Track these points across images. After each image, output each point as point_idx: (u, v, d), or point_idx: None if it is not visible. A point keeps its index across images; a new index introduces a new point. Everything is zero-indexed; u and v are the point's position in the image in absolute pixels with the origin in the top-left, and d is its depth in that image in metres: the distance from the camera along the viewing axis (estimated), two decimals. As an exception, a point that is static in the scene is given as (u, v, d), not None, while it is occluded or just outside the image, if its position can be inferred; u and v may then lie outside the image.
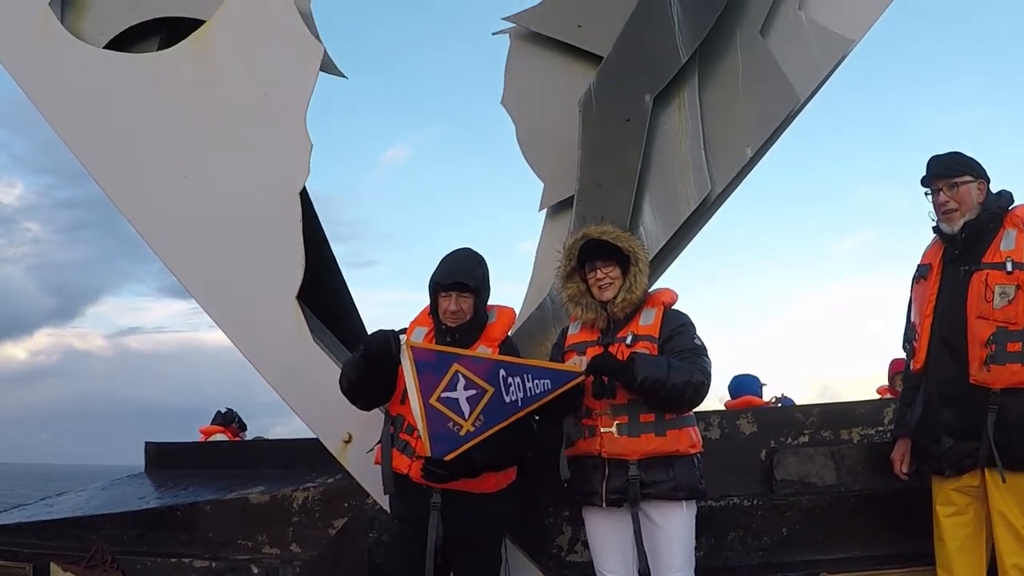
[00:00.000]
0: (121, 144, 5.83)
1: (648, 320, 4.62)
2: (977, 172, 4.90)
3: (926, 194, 4.99)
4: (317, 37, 5.66)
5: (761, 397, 8.27)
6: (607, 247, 4.66)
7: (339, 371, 4.84)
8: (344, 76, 5.84)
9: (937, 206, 4.93)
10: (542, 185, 5.91)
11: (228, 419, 10.74)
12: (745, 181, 6.09)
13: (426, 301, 4.79)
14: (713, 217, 6.11)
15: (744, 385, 8.36)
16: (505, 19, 6.05)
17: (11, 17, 5.98)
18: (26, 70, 5.97)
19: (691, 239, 5.92)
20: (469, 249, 4.81)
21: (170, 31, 6.07)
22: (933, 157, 5.01)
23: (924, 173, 4.97)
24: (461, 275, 4.62)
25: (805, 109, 6.02)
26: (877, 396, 8.59)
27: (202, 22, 5.83)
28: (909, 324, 5.11)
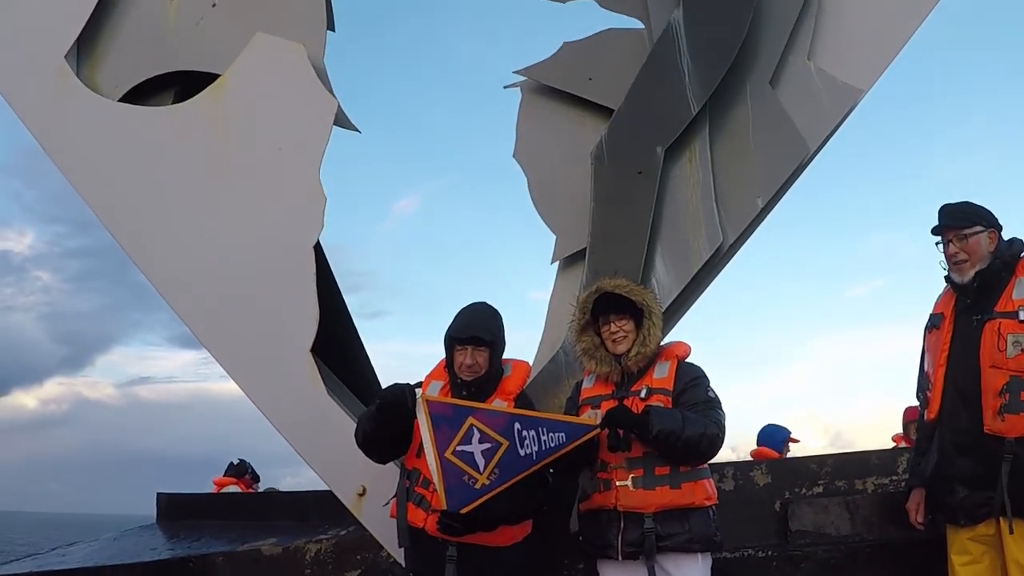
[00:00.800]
0: (135, 196, 5.92)
1: (662, 373, 4.67)
2: (987, 221, 4.94)
3: (937, 244, 5.04)
4: (331, 92, 5.75)
5: (781, 451, 8.28)
6: (621, 301, 4.72)
7: (353, 424, 4.89)
8: (358, 131, 5.94)
9: (947, 257, 4.98)
10: (554, 237, 5.97)
11: (241, 470, 10.75)
12: (757, 230, 6.14)
13: (436, 352, 4.85)
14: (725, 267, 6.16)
15: (766, 436, 8.41)
16: (517, 72, 6.14)
17: (27, 69, 6.08)
18: (41, 122, 6.06)
19: (704, 290, 5.95)
20: (484, 303, 4.89)
21: (185, 84, 6.15)
22: (943, 207, 5.06)
23: (936, 222, 5.02)
24: (477, 329, 4.69)
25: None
26: (892, 444, 8.62)
27: (216, 76, 5.92)
28: (922, 374, 5.14)
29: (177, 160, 5.88)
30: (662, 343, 4.78)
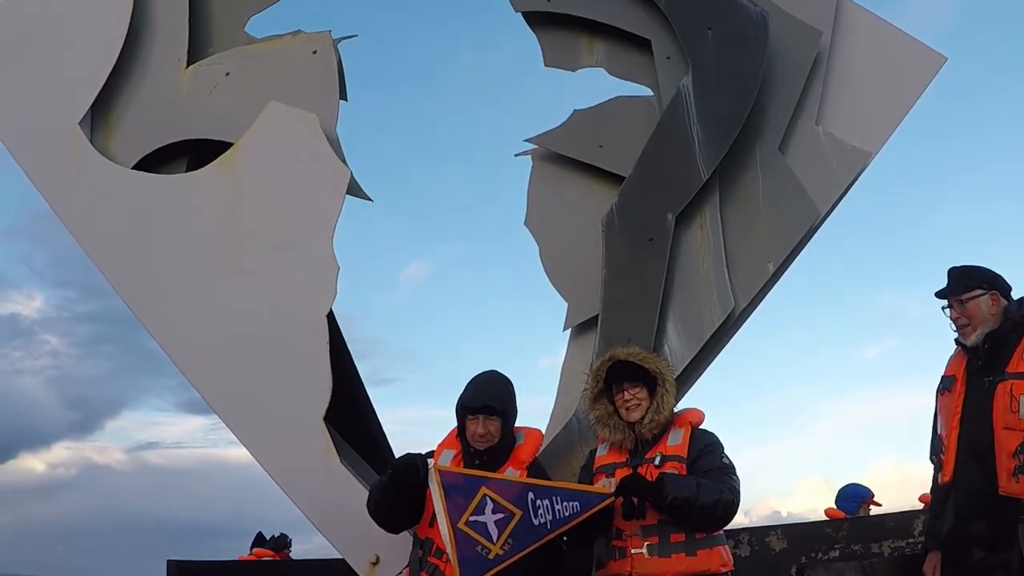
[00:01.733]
0: (148, 263, 6.00)
1: (676, 440, 4.69)
2: (989, 284, 4.97)
3: (943, 308, 5.08)
4: (343, 160, 5.84)
5: (854, 514, 8.15)
6: (634, 369, 4.75)
7: (366, 492, 4.91)
8: (370, 199, 6.01)
9: (951, 320, 5.02)
10: (566, 304, 6.03)
11: (281, 544, 10.54)
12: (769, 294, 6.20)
13: (447, 417, 4.88)
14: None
15: (843, 497, 8.34)
16: (527, 140, 6.24)
17: (41, 135, 6.19)
18: (55, 188, 6.16)
19: (716, 355, 6.00)
20: (495, 372, 4.93)
21: (198, 152, 6.26)
22: (949, 270, 5.10)
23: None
24: (488, 398, 4.73)
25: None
26: (920, 505, 8.58)
27: (230, 144, 6.02)
28: (935, 436, 5.14)
29: (190, 228, 5.96)
30: (676, 410, 4.80)
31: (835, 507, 8.30)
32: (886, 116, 6.29)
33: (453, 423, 4.89)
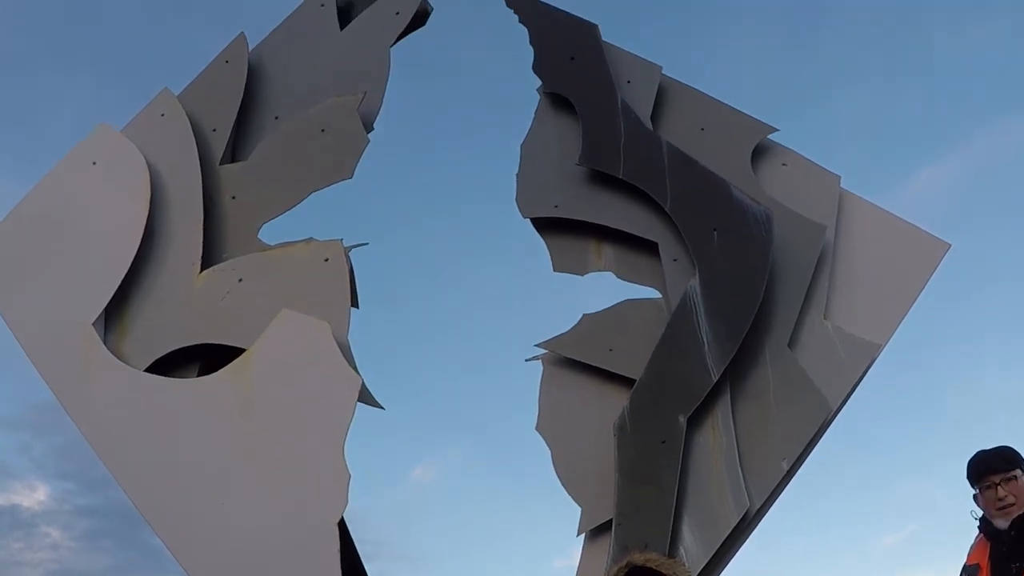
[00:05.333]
0: (158, 466, 6.01)
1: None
2: (1020, 465, 4.99)
3: (975, 496, 5.05)
4: (355, 368, 5.92)
5: None
6: (651, 575, 4.73)
7: None
8: (382, 407, 6.05)
9: (992, 502, 4.97)
10: (579, 508, 6.02)
11: None
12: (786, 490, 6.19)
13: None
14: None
15: None
16: (538, 345, 6.34)
17: (55, 334, 6.28)
18: (68, 387, 6.21)
19: (733, 556, 5.98)
20: None
21: (210, 357, 6.32)
22: (981, 453, 5.10)
23: (971, 470, 5.05)
24: None
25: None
26: None
27: (242, 350, 6.11)
28: (962, 627, 5.08)
29: (201, 433, 6.00)
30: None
31: None
32: (893, 307, 6.42)
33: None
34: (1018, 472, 4.96)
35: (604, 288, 6.48)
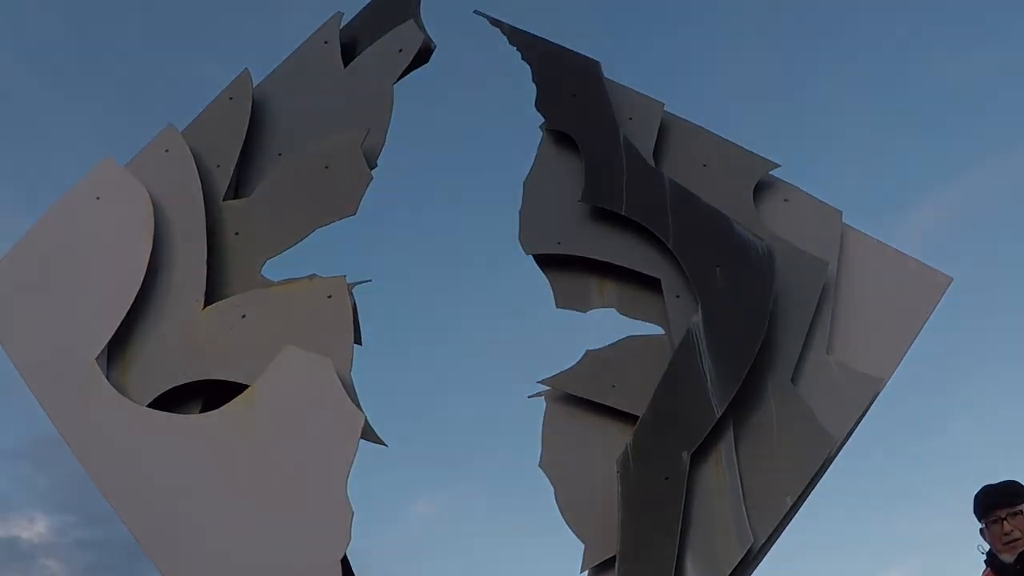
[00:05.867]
0: (160, 502, 6.01)
1: None
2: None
3: (982, 529, 5.05)
4: (358, 405, 5.93)
5: None
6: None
7: None
8: (384, 444, 6.05)
9: (999, 536, 4.98)
10: (582, 545, 6.01)
11: None
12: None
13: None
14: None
15: None
16: (540, 382, 6.36)
17: (58, 369, 6.29)
18: (69, 422, 6.22)
19: (737, 593, 5.96)
20: None
21: (212, 392, 6.33)
22: (987, 487, 5.10)
23: (977, 504, 5.05)
24: None
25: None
26: None
27: (245, 386, 6.11)
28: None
29: (204, 469, 6.00)
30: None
31: None
32: (896, 342, 6.43)
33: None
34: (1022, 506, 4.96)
35: (607, 325, 6.53)
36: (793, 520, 6.17)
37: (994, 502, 4.99)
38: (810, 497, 6.23)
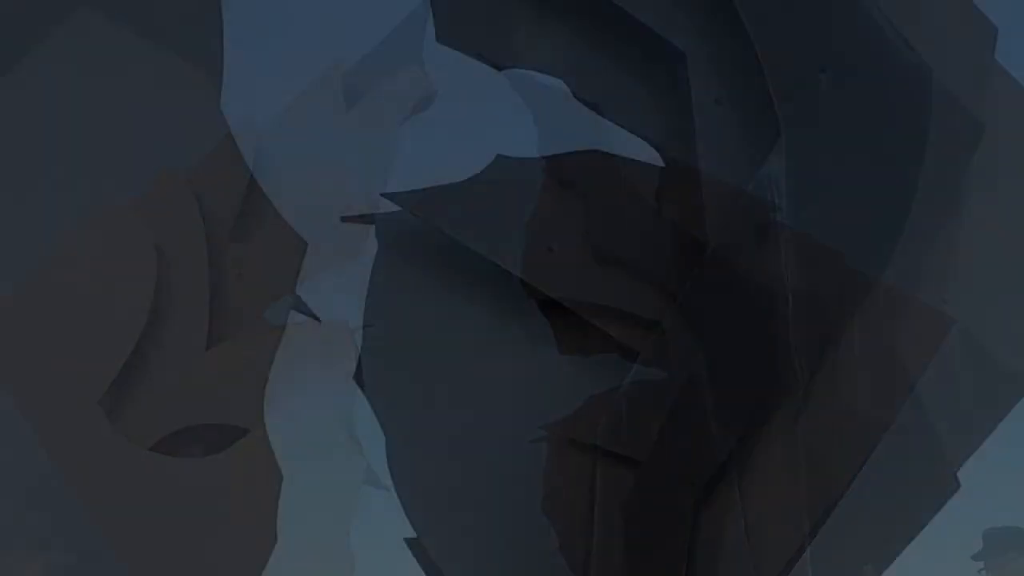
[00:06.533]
0: (163, 544, 6.02)
1: None
2: None
3: (981, 571, 5.03)
4: (359, 449, 5.93)
5: None
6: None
7: None
8: (388, 488, 6.03)
9: None
10: (586, 588, 5.98)
11: None
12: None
13: None
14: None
15: None
16: (541, 427, 6.33)
17: (59, 411, 6.23)
18: (71, 464, 6.15)
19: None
20: None
21: (214, 436, 6.31)
22: (992, 530, 5.08)
23: (982, 546, 5.04)
24: None
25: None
26: None
27: (247, 430, 6.11)
28: None
29: (207, 513, 6.02)
30: None
31: None
32: (897, 384, 6.40)
33: None
34: None
35: (610, 369, 6.49)
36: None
37: (999, 544, 4.97)
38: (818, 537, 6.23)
